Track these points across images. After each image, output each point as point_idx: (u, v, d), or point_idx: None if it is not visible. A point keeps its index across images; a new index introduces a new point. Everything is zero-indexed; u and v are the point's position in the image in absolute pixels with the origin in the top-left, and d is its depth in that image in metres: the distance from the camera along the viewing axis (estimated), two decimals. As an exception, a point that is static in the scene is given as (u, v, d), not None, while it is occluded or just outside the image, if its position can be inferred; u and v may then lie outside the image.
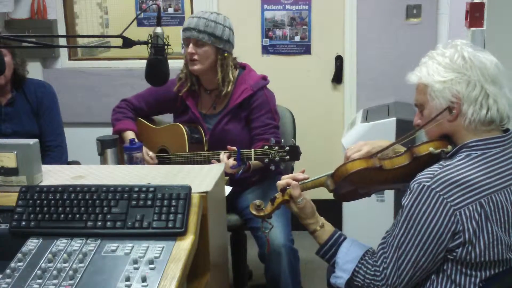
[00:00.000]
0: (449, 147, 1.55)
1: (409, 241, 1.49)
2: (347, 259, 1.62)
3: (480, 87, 1.49)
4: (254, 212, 1.76)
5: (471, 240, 1.44)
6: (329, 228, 1.72)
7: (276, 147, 2.20)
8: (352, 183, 1.65)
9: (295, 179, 1.73)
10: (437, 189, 1.45)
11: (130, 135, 2.53)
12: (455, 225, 1.44)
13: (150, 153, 2.49)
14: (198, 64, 2.46)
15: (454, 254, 1.47)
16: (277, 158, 2.19)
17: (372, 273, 1.56)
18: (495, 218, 1.45)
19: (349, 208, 3.29)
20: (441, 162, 1.52)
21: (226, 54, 2.48)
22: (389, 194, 3.17)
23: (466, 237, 1.44)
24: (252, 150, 2.26)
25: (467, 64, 1.50)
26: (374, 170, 1.61)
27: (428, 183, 1.46)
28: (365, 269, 1.57)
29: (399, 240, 1.51)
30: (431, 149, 1.56)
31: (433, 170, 1.49)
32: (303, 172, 1.77)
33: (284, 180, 1.74)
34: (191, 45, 2.46)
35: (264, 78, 2.59)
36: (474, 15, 2.31)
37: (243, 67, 2.62)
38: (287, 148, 2.20)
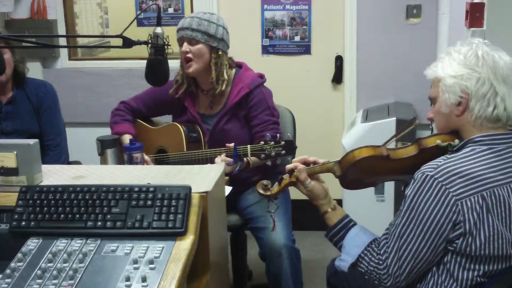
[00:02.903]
0: (456, 141, 1.58)
1: (411, 231, 1.51)
2: (354, 243, 1.65)
3: (490, 85, 1.51)
4: (261, 191, 1.79)
5: (471, 231, 1.46)
6: (340, 212, 1.75)
7: (272, 142, 2.20)
8: (359, 170, 1.68)
9: (305, 162, 1.77)
10: (440, 179, 1.47)
11: (128, 138, 2.52)
12: (456, 215, 1.46)
13: (145, 157, 2.48)
14: (194, 65, 2.46)
15: (454, 245, 1.48)
16: (273, 153, 2.19)
17: (376, 261, 1.58)
18: (497, 212, 1.47)
19: (349, 208, 3.27)
20: (446, 154, 1.55)
21: (220, 53, 2.48)
22: (389, 194, 3.17)
23: (466, 227, 1.46)
24: (248, 146, 2.25)
25: (480, 62, 1.53)
26: (381, 158, 1.65)
27: (431, 173, 1.49)
28: (370, 256, 1.60)
29: (401, 229, 1.53)
30: (438, 141, 1.60)
31: (437, 161, 1.51)
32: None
33: (293, 164, 1.78)
34: (185, 43, 2.46)
35: (261, 76, 2.59)
36: (474, 15, 2.31)
37: (239, 66, 2.62)
38: (283, 142, 2.20)
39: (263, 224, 2.40)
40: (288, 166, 1.78)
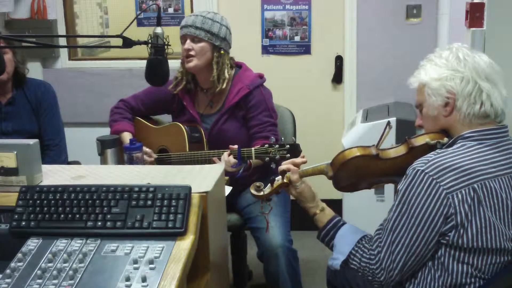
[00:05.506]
0: (446, 139, 1.61)
1: (403, 225, 1.52)
2: (344, 241, 1.67)
3: (474, 83, 1.54)
4: (253, 192, 1.82)
5: (463, 223, 1.47)
6: (329, 212, 1.78)
7: (277, 145, 2.20)
8: (350, 170, 1.69)
9: (294, 164, 1.80)
10: (431, 173, 1.49)
11: (127, 136, 2.53)
12: (447, 209, 1.47)
13: (148, 150, 2.48)
14: (194, 60, 2.46)
15: (447, 238, 1.49)
16: (277, 157, 2.20)
17: (368, 256, 1.59)
18: (488, 204, 1.49)
19: (349, 208, 3.28)
20: (437, 150, 1.57)
21: (222, 52, 2.48)
22: (389, 194, 3.17)
23: (458, 220, 1.47)
24: (253, 148, 2.26)
25: (462, 63, 1.57)
26: (371, 158, 1.66)
27: (422, 168, 1.50)
28: (361, 252, 1.61)
29: (393, 224, 1.55)
30: (427, 140, 1.62)
31: (428, 157, 1.53)
32: (302, 157, 1.87)
33: (285, 165, 1.81)
34: (187, 41, 2.46)
35: (261, 76, 2.59)
36: (474, 15, 2.31)
37: (239, 66, 2.62)
38: (288, 146, 2.20)
39: (260, 224, 2.40)
40: (281, 168, 1.81)
